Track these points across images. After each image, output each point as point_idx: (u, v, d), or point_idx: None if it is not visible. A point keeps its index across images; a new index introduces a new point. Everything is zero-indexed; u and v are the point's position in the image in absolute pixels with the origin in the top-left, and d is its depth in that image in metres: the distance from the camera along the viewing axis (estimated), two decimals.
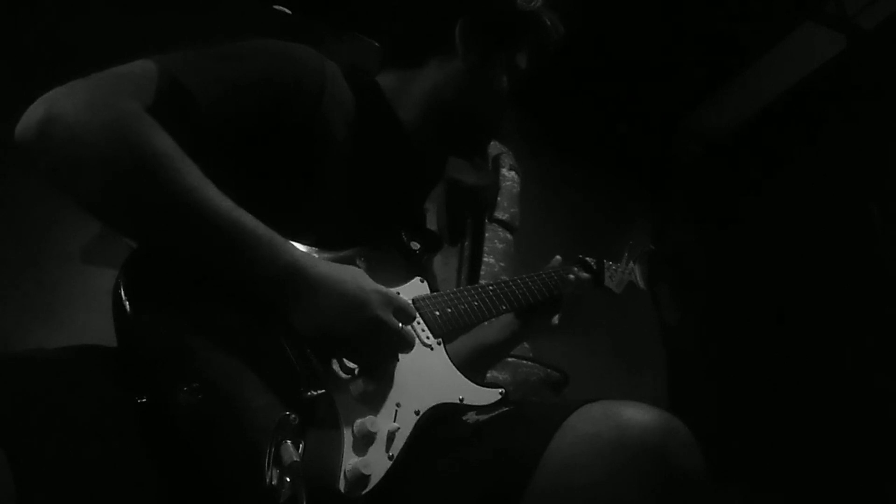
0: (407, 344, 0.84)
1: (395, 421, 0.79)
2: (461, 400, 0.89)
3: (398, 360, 0.85)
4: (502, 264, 2.32)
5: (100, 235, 1.76)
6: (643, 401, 0.70)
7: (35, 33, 1.90)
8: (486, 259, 2.30)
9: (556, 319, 1.25)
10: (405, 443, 0.78)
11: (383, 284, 0.86)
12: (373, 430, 0.75)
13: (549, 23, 1.11)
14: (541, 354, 2.20)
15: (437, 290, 1.01)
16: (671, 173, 3.33)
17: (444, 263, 2.21)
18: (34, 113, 0.71)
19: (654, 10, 2.59)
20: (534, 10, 1.09)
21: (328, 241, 0.90)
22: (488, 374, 2.01)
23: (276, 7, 2.28)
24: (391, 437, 0.77)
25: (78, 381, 0.68)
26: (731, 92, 2.97)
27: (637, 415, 0.67)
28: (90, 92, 0.73)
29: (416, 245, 1.04)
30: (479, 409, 0.88)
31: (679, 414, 0.69)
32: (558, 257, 1.31)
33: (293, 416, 0.69)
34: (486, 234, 2.36)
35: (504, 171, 2.48)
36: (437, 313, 0.97)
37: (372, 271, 0.88)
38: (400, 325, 0.83)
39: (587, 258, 1.36)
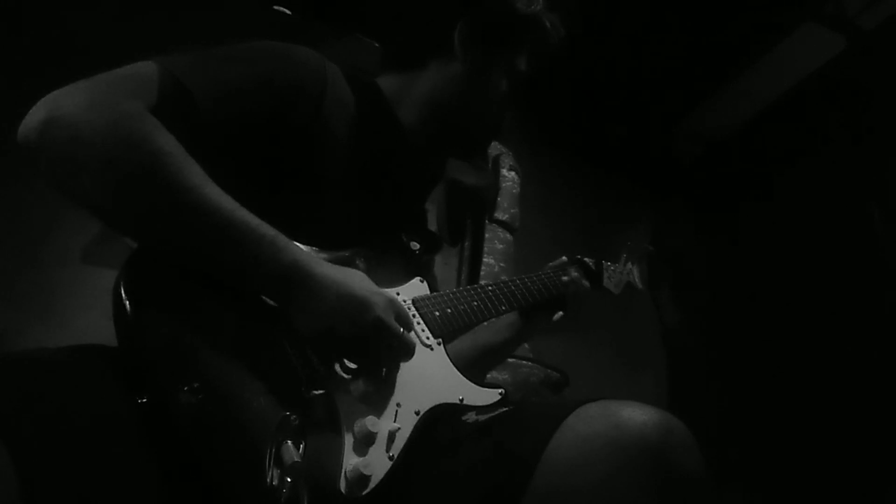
0: (407, 349, 0.85)
1: (395, 421, 0.79)
2: (461, 400, 0.89)
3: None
4: (502, 265, 2.32)
5: (100, 236, 1.76)
6: (643, 401, 0.70)
7: (36, 35, 1.90)
8: (486, 259, 2.30)
9: (556, 316, 1.27)
10: (405, 443, 0.78)
11: (383, 285, 0.86)
12: (373, 430, 0.75)
13: (549, 25, 1.10)
14: (541, 355, 2.20)
15: (436, 291, 1.02)
16: (671, 173, 3.33)
17: (444, 264, 2.21)
18: (36, 114, 0.71)
19: (654, 10, 2.59)
20: (534, 12, 1.08)
21: (328, 242, 0.90)
22: (488, 375, 2.00)
23: (277, 7, 2.28)
24: (391, 437, 0.77)
25: (78, 381, 0.68)
26: (732, 92, 2.97)
27: (635, 414, 0.67)
28: (92, 93, 0.73)
29: (415, 245, 1.04)
30: (479, 409, 0.88)
31: (679, 414, 0.69)
32: (564, 258, 1.33)
33: (294, 416, 0.69)
34: (486, 235, 2.35)
35: (504, 171, 2.48)
36: (437, 313, 0.97)
37: (371, 271, 0.88)
38: (402, 329, 0.83)
39: (586, 259, 1.36)
